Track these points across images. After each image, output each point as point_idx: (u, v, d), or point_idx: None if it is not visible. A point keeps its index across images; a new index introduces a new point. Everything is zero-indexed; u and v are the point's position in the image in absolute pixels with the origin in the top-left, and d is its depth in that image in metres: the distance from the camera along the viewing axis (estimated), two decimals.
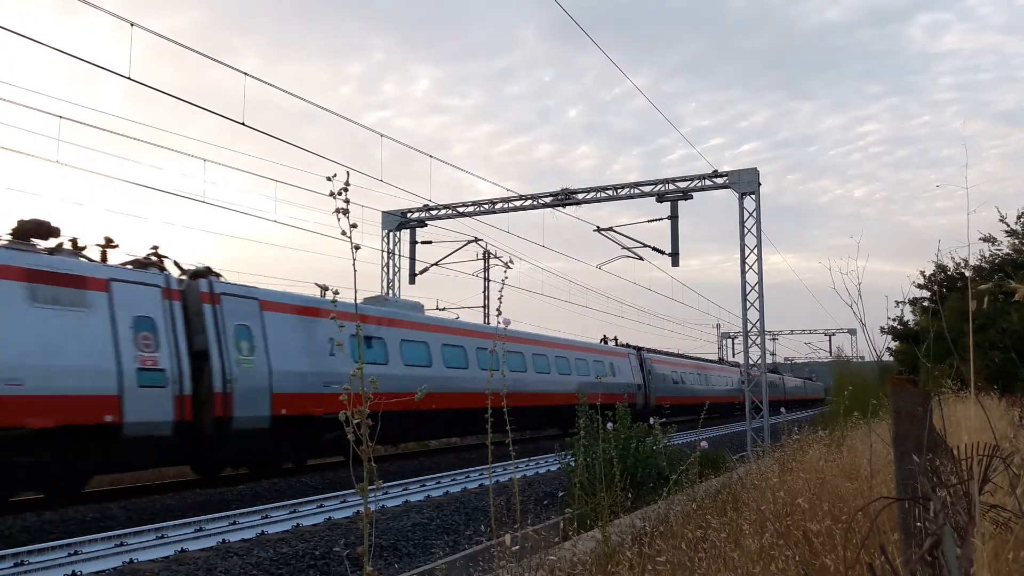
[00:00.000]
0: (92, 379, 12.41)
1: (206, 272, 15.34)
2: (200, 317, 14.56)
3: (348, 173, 2.11)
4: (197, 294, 14.70)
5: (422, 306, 23.71)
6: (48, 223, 13.24)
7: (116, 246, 14.33)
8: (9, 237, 12.86)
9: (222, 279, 15.58)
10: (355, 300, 2.33)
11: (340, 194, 2.09)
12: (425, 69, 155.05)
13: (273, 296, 16.62)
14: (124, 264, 14.24)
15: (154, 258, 14.92)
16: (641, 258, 24.03)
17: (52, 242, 13.29)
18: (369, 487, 2.08)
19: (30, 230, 13.00)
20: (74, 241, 13.49)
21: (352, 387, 2.02)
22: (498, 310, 4.11)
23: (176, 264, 15.25)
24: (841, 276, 3.67)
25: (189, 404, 13.80)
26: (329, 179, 2.10)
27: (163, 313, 13.84)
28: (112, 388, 12.64)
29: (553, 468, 16.19)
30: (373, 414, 2.13)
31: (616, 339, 37.27)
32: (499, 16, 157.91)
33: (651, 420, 11.05)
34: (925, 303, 21.58)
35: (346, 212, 2.09)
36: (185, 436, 13.83)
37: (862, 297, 3.66)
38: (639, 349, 37.50)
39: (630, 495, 6.90)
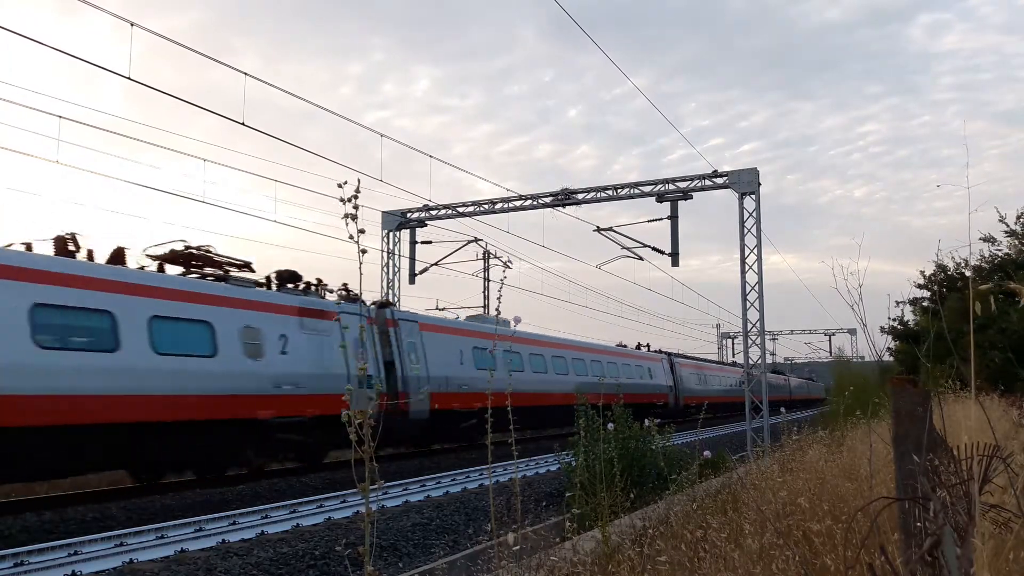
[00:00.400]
0: (334, 382, 16.64)
1: (388, 303, 21.25)
2: (386, 336, 19.85)
3: (359, 180, 2.12)
4: (384, 319, 20.07)
5: (508, 321, 27.20)
6: (295, 271, 18.12)
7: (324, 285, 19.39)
8: (265, 282, 17.22)
9: (397, 307, 20.84)
10: (360, 300, 2.36)
11: (350, 201, 2.10)
12: (425, 69, 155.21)
13: (427, 319, 22.62)
14: (338, 301, 19.03)
15: (345, 292, 19.39)
16: (641, 258, 24.03)
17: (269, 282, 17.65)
18: (371, 487, 2.09)
19: (286, 277, 17.76)
20: (308, 284, 18.35)
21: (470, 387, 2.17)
22: (497, 310, 4.12)
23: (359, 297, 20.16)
24: (842, 276, 3.68)
25: (384, 400, 17.95)
26: (340, 186, 2.11)
27: (368, 334, 18.87)
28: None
29: (553, 468, 16.22)
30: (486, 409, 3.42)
31: (648, 345, 40.16)
32: (499, 16, 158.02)
33: (646, 421, 11.08)
34: (925, 303, 21.63)
35: (355, 218, 2.10)
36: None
37: (862, 299, 3.66)
38: (669, 354, 40.86)
39: (632, 495, 6.90)
